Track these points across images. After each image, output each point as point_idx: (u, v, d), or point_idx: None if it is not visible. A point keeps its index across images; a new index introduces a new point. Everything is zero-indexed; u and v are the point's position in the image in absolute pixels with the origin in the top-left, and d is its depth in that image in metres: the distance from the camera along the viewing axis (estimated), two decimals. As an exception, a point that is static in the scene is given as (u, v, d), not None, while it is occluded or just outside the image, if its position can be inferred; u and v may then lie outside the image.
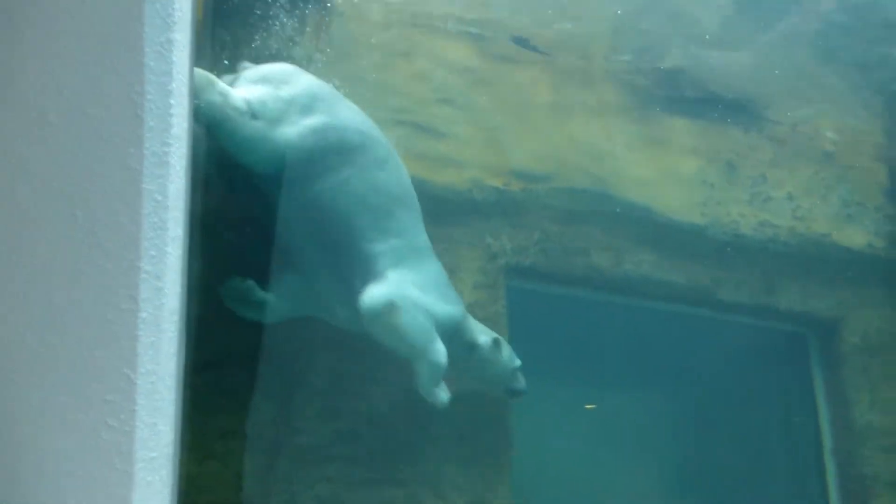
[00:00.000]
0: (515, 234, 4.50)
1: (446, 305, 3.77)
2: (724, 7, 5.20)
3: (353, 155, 3.61)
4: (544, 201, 4.55)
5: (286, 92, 3.54)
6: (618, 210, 4.65)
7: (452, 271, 4.31)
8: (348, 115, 3.69)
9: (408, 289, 3.57)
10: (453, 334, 3.81)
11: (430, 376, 3.63)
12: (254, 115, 3.41)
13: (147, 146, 1.22)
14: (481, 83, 4.60)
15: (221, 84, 3.39)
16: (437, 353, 3.61)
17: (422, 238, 3.83)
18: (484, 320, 4.29)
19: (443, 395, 3.71)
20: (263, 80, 3.56)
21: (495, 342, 4.01)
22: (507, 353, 4.08)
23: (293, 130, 3.48)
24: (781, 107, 5.23)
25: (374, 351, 4.01)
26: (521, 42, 4.76)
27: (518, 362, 4.11)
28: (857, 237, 5.13)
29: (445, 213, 4.36)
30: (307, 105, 3.55)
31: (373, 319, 3.52)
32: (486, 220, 4.47)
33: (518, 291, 4.55)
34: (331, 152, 3.56)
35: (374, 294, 3.50)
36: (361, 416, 3.91)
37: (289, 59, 4.00)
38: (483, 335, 4.02)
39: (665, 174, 4.82)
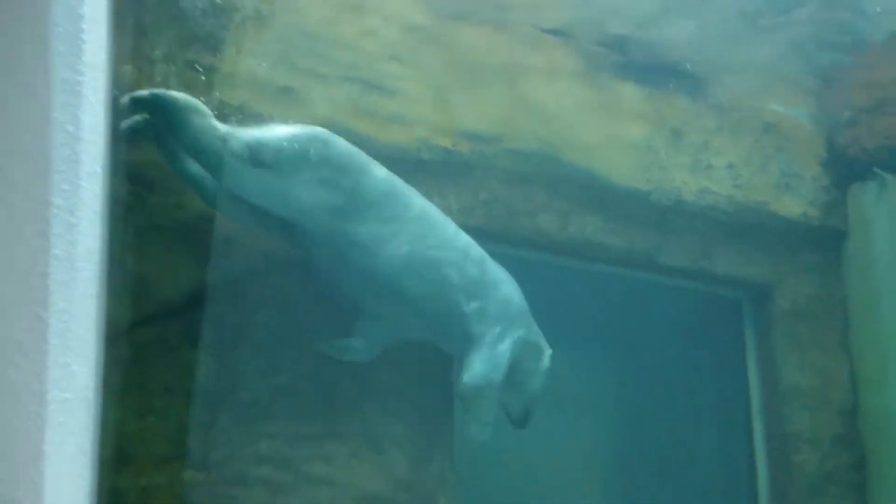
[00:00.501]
0: (462, 194, 4.47)
1: (514, 339, 4.02)
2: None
3: (394, 226, 3.66)
4: (492, 162, 4.52)
5: (312, 152, 3.46)
6: (564, 173, 4.66)
7: (399, 231, 4.29)
8: (376, 186, 3.65)
9: (495, 371, 3.90)
10: (525, 351, 4.12)
11: (477, 432, 4.03)
12: (258, 162, 3.31)
13: (55, 73, 1.13)
14: (432, 41, 4.52)
15: (221, 128, 3.27)
16: (491, 417, 4.01)
17: (488, 271, 4.01)
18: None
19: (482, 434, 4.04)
20: (292, 137, 3.46)
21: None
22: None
23: (308, 197, 3.44)
24: (728, 77, 5.28)
25: (316, 307, 3.98)
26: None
27: None
28: (793, 206, 5.24)
29: (392, 171, 4.30)
30: (330, 178, 3.49)
31: (462, 397, 3.92)
32: (433, 180, 4.42)
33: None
34: (367, 226, 3.58)
35: (468, 381, 3.86)
36: (304, 372, 3.88)
37: (231, 9, 3.87)
38: (546, 346, 4.27)
39: (612, 139, 4.83)
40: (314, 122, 4.01)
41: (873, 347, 5.24)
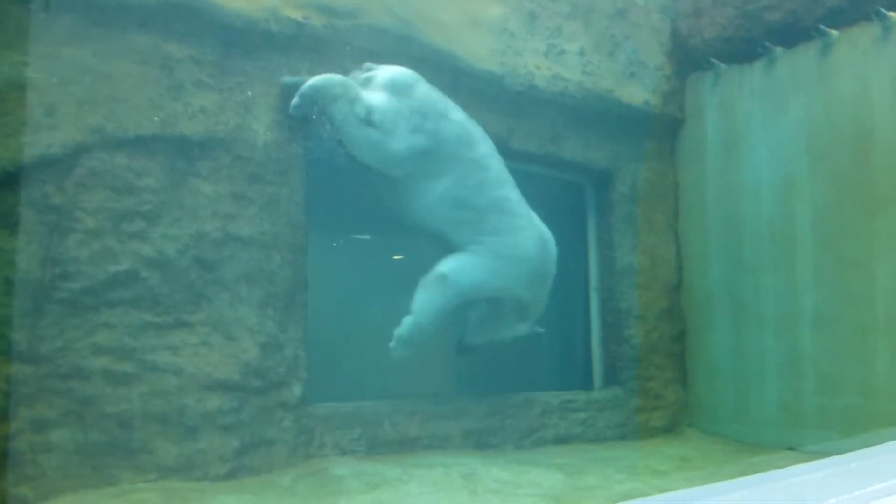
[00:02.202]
0: (315, 72, 4.11)
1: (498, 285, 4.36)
2: None
3: (449, 166, 4.09)
4: (345, 38, 4.18)
5: (404, 104, 3.97)
6: (420, 53, 4.39)
7: (247, 109, 3.90)
8: (451, 129, 4.10)
9: (469, 273, 4.19)
10: (508, 307, 4.53)
11: (409, 334, 4.13)
12: (370, 123, 3.88)
13: None
14: None
15: (354, 90, 3.87)
16: (426, 324, 4.15)
17: (509, 238, 4.33)
18: (278, 160, 3.97)
19: (404, 354, 4.20)
20: (390, 87, 3.98)
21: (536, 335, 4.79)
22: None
23: (402, 145, 3.95)
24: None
25: (158, 190, 3.58)
26: None
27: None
28: (636, 94, 5.30)
29: (237, 43, 3.87)
30: (417, 125, 3.98)
31: (429, 276, 4.17)
32: (283, 55, 4.04)
33: (314, 135, 4.23)
34: (430, 165, 4.05)
35: (439, 264, 4.20)
36: (146, 258, 3.51)
37: None
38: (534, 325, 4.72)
39: (469, 19, 4.59)
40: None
41: (698, 230, 5.54)
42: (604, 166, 5.42)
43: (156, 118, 3.56)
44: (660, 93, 5.41)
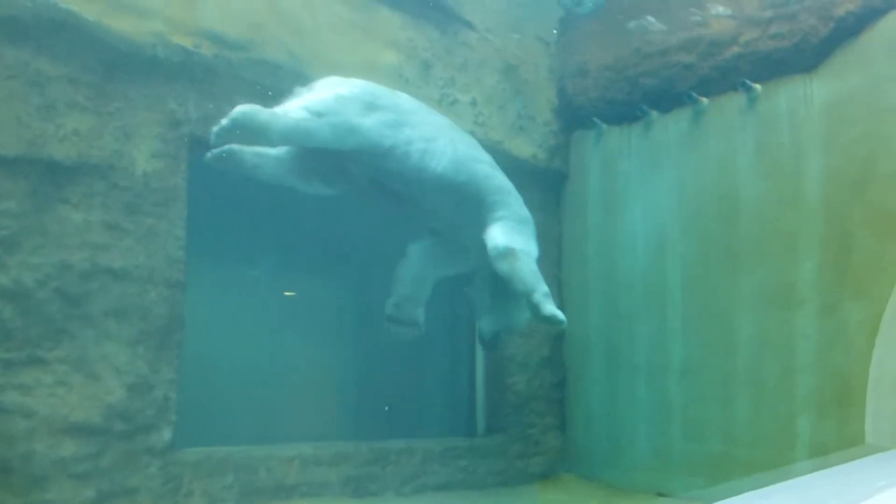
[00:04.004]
0: (203, 102, 3.89)
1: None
2: None
3: (433, 130, 3.99)
4: (237, 71, 3.98)
5: (345, 90, 3.77)
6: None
7: (127, 135, 3.61)
8: (408, 101, 4.03)
9: (518, 238, 4.11)
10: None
11: (548, 301, 3.99)
12: (318, 114, 3.60)
13: None
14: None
15: (270, 111, 3.53)
16: (544, 284, 4.05)
17: (516, 200, 4.29)
18: (158, 191, 3.69)
19: (561, 313, 4.04)
20: (313, 88, 3.77)
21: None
22: None
23: (371, 121, 3.74)
24: (478, 15, 5.15)
25: (19, 214, 3.21)
26: None
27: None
28: (524, 148, 5.34)
29: (121, 67, 3.59)
30: (370, 102, 3.79)
31: (498, 259, 4.00)
32: (169, 83, 3.79)
33: (201, 166, 3.98)
34: (415, 132, 3.89)
35: (497, 242, 4.02)
36: (-4, 288, 3.12)
37: None
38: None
39: (364, 63, 4.48)
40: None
41: (579, 281, 5.59)
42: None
43: (21, 138, 3.22)
44: (546, 147, 5.48)
